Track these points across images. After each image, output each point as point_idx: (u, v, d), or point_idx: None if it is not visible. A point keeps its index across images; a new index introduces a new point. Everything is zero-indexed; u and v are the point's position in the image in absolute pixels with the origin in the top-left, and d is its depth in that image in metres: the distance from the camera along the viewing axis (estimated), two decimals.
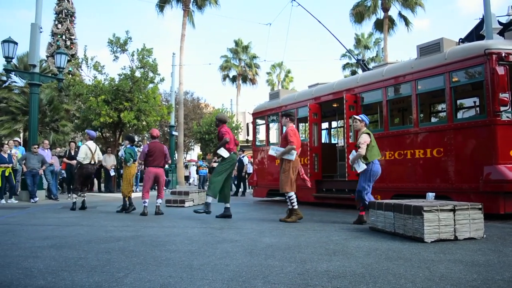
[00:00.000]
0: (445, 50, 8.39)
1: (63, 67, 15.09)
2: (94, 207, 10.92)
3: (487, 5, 10.94)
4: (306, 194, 11.62)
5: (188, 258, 4.22)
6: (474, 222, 5.30)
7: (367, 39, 42.36)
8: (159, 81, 18.82)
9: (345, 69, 43.98)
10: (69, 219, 8.22)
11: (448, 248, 4.65)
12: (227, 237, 5.70)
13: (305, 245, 4.96)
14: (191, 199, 11.74)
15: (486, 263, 3.92)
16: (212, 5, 31.50)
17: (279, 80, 51.42)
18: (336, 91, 10.79)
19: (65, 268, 3.85)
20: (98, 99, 16.70)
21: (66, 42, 29.80)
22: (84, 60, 18.60)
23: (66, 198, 14.27)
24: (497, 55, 7.43)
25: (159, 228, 6.75)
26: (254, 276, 3.50)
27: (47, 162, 13.42)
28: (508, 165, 7.25)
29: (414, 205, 5.26)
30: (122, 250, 4.70)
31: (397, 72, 9.22)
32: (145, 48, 18.28)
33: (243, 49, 46.72)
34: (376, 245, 4.95)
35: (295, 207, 7.51)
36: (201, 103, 40.41)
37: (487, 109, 7.53)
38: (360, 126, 7.19)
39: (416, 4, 30.08)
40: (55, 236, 5.84)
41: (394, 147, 9.14)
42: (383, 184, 9.27)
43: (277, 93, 13.68)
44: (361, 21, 31.69)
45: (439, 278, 3.37)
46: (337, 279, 3.38)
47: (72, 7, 30.96)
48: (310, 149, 11.15)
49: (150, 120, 18.00)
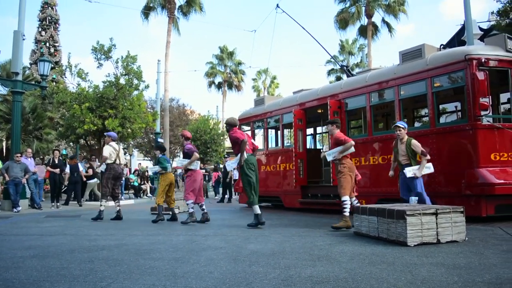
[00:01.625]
0: (426, 56, 8.51)
1: (46, 74, 14.93)
2: (78, 216, 10.81)
3: (467, 11, 11.13)
4: (291, 200, 11.66)
5: (172, 266, 4.20)
6: (456, 225, 5.37)
7: (352, 45, 42.64)
8: (143, 88, 18.72)
9: (330, 75, 44.20)
10: (52, 228, 8.12)
11: (430, 252, 4.70)
12: (212, 244, 5.68)
13: (289, 251, 4.97)
14: (177, 206, 11.66)
15: (467, 265, 3.98)
16: (197, 12, 31.49)
17: (265, 87, 51.50)
18: (321, 97, 10.87)
19: (47, 278, 3.81)
20: (82, 107, 16.55)
21: (50, 49, 29.49)
22: (68, 68, 18.43)
23: (50, 207, 14.09)
24: (477, 61, 7.57)
25: (143, 236, 6.71)
26: (238, 283, 3.50)
27: (30, 170, 13.26)
28: (489, 169, 7.37)
29: (397, 210, 5.32)
30: (106, 259, 4.66)
31: (380, 78, 9.33)
32: (130, 55, 18.19)
33: (229, 55, 46.76)
34: (360, 249, 4.98)
35: (347, 214, 6.96)
36: (187, 109, 40.28)
37: (468, 113, 7.65)
38: (404, 134, 7.17)
39: (399, 10, 30.45)
40: (38, 246, 5.76)
41: (378, 152, 9.22)
42: (368, 189, 9.34)
43: (262, 100, 13.72)
44: (346, 27, 31.93)
45: (421, 282, 3.41)
46: (320, 284, 3.40)
47: (56, 14, 30.66)
48: (295, 155, 11.19)
49: (135, 128, 17.88)
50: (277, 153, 12.49)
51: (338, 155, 7.18)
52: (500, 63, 7.82)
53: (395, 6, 30.18)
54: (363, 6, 31.15)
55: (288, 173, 11.74)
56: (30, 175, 13.29)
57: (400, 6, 30.37)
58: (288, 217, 9.71)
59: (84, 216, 10.88)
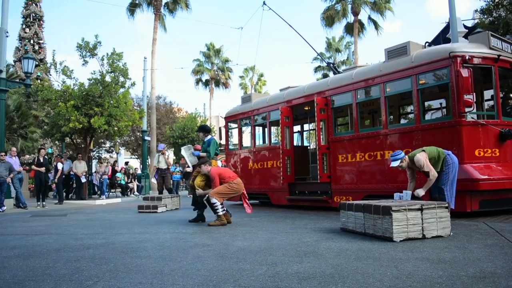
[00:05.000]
0: (411, 53, 8.58)
1: (31, 72, 14.75)
2: (64, 215, 10.71)
3: (452, 9, 11.26)
4: (279, 197, 11.69)
5: (159, 264, 4.19)
6: (441, 220, 5.44)
7: (338, 43, 42.78)
8: (130, 85, 18.56)
9: (316, 72, 44.29)
10: (38, 227, 8.04)
11: (416, 247, 4.76)
12: (199, 241, 5.68)
13: (276, 248, 4.99)
14: (164, 205, 11.64)
15: (451, 260, 4.03)
16: (184, 9, 31.39)
17: (252, 84, 51.50)
18: (307, 94, 10.89)
19: (33, 278, 3.77)
20: (68, 105, 16.35)
21: (34, 47, 29.13)
22: (53, 65, 18.21)
23: (35, 207, 13.95)
24: (461, 58, 7.65)
25: (130, 234, 6.68)
26: (225, 280, 3.51)
27: (15, 170, 13.10)
28: (474, 165, 7.47)
29: (383, 206, 5.36)
30: (92, 258, 4.63)
31: (366, 75, 9.38)
32: (115, 52, 18.03)
33: (215, 53, 46.64)
34: (347, 245, 5.02)
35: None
36: (174, 107, 40.10)
37: (453, 110, 7.74)
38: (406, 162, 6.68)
39: (386, 8, 30.65)
40: (23, 246, 5.71)
41: (364, 148, 9.28)
42: (354, 186, 9.40)
43: (249, 97, 13.72)
44: (332, 24, 32.02)
45: (406, 276, 3.45)
46: (307, 280, 3.42)
47: (40, 11, 30.28)
48: (283, 152, 11.21)
49: (122, 126, 17.73)
50: (265, 151, 12.50)
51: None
52: (484, 60, 7.92)
53: (381, 3, 30.38)
54: (349, 4, 31.26)
55: (275, 170, 11.76)
56: (15, 174, 13.13)
57: (386, 3, 30.57)
58: (275, 214, 9.73)
59: (70, 215, 10.78)
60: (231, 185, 7.60)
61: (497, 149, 7.73)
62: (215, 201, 7.45)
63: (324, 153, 10.16)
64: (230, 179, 7.66)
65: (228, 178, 7.67)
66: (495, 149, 7.72)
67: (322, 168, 10.08)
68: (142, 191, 21.98)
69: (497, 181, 7.39)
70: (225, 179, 7.64)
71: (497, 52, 8.04)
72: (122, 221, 8.80)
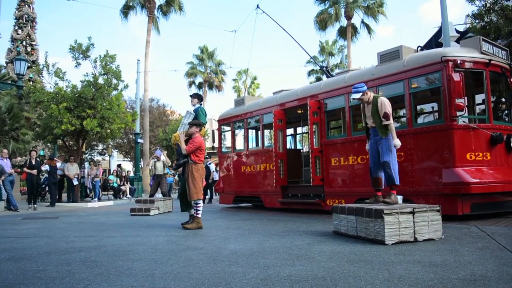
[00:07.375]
0: (404, 57, 8.64)
1: (23, 73, 14.70)
2: (56, 218, 10.64)
3: (444, 14, 11.33)
4: (272, 200, 11.70)
5: (150, 267, 4.18)
6: (432, 223, 5.47)
7: (332, 46, 42.94)
8: (123, 88, 18.53)
9: (310, 76, 44.40)
10: (29, 230, 7.98)
11: (407, 250, 4.78)
12: (191, 244, 5.66)
13: (269, 251, 4.99)
14: (157, 207, 11.60)
15: (443, 263, 4.05)
16: (177, 12, 31.39)
17: (246, 87, 51.48)
18: (300, 98, 10.92)
19: (23, 281, 3.74)
20: (60, 107, 16.28)
21: (27, 48, 28.98)
22: (45, 67, 18.13)
23: (27, 209, 13.85)
24: (453, 62, 7.71)
25: (122, 237, 6.64)
26: (217, 283, 3.50)
27: (6, 172, 13.00)
28: (465, 168, 7.51)
29: (375, 209, 5.38)
30: (83, 261, 4.60)
31: (359, 79, 9.40)
32: (108, 54, 17.99)
33: (209, 55, 46.59)
34: (339, 248, 5.02)
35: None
36: (167, 110, 40.06)
37: (445, 114, 7.79)
38: (370, 95, 6.46)
39: (378, 12, 30.84)
40: (14, 248, 5.66)
41: (357, 152, 9.31)
42: (347, 189, 9.43)
43: (243, 100, 13.72)
44: (325, 28, 32.16)
45: (397, 279, 3.46)
46: (299, 283, 3.42)
47: (33, 12, 30.16)
48: (276, 155, 11.22)
49: (114, 128, 17.68)
50: (258, 154, 12.50)
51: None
52: (475, 64, 7.99)
53: (374, 7, 30.57)
54: (343, 8, 31.42)
55: (268, 173, 11.77)
56: (6, 177, 13.03)
57: (379, 7, 30.76)
58: (268, 217, 9.73)
59: (62, 218, 10.71)
60: (199, 170, 7.61)
61: (488, 153, 7.79)
62: (199, 202, 7.55)
63: (317, 156, 10.18)
64: (200, 161, 7.68)
65: (202, 157, 7.72)
66: (486, 152, 7.77)
67: (315, 171, 10.11)
68: (134, 193, 21.90)
69: (488, 185, 7.45)
70: (201, 154, 7.67)
71: (488, 56, 8.12)
72: (114, 223, 8.75)
